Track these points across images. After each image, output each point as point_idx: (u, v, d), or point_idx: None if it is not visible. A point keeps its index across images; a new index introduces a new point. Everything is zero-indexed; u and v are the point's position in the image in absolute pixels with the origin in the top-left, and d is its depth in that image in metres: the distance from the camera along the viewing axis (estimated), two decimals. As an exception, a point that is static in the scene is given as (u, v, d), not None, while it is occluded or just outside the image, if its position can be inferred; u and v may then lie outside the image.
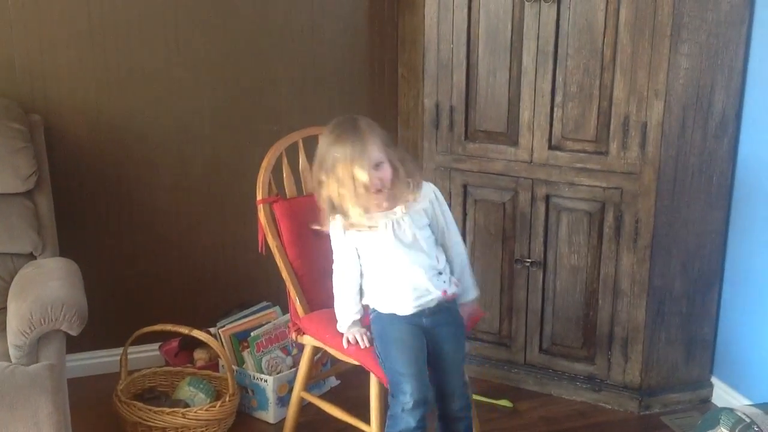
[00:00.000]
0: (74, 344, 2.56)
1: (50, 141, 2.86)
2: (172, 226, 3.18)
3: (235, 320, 3.01)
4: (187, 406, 2.71)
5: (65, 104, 2.96)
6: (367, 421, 2.38)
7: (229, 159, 3.19)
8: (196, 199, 3.19)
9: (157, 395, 2.82)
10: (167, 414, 2.63)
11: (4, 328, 2.44)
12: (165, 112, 3.09)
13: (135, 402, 2.67)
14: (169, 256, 3.19)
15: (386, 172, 2.19)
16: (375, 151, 2.17)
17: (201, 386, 2.79)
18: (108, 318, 2.93)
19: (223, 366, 2.93)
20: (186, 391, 2.78)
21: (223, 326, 2.95)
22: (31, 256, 2.70)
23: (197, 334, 2.72)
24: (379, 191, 2.18)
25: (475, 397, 2.79)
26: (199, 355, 3.04)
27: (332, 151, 2.19)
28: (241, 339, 2.93)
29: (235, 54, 3.12)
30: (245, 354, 2.88)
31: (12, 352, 2.25)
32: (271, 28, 3.14)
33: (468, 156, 3.03)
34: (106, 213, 3.09)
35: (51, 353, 2.28)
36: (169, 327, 2.76)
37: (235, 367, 2.83)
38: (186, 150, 3.14)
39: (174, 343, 3.11)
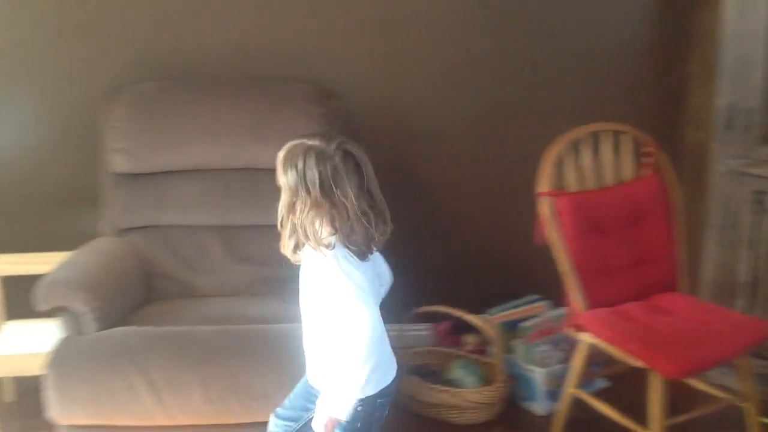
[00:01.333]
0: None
1: (345, 124, 3.02)
2: (451, 212, 3.29)
3: (506, 310, 3.07)
4: (458, 386, 2.80)
5: (360, 90, 3.14)
6: (642, 424, 2.33)
7: (507, 150, 3.24)
8: (477, 188, 3.27)
9: (430, 373, 2.94)
10: (441, 392, 2.74)
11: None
12: (448, 103, 3.19)
13: (411, 376, 2.81)
14: (447, 240, 3.30)
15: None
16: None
17: (471, 369, 2.87)
18: (391, 294, 3.10)
19: (492, 352, 3.00)
20: (457, 372, 2.88)
21: (495, 314, 3.01)
22: (325, 231, 2.92)
23: (471, 318, 2.80)
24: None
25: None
26: (469, 339, 3.13)
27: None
28: (510, 328, 2.98)
29: (515, 48, 3.16)
30: (515, 343, 2.92)
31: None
32: (553, 23, 3.14)
33: (765, 161, 2.83)
34: (386, 194, 3.23)
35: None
36: (445, 309, 2.86)
37: (505, 356, 2.88)
38: (466, 141, 3.23)
39: (445, 325, 3.22)
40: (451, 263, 3.33)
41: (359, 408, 1.81)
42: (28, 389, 2.95)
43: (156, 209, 2.82)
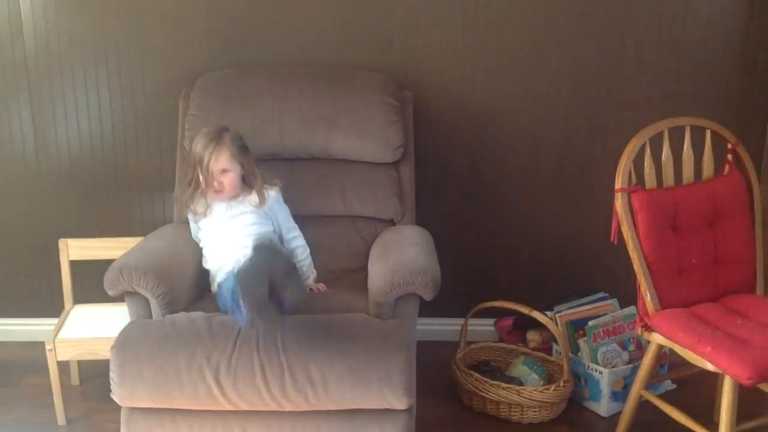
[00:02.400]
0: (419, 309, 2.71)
1: (416, 116, 3.03)
2: (520, 206, 3.24)
3: (572, 307, 3.00)
4: (520, 384, 2.76)
5: (433, 82, 3.11)
6: (711, 428, 2.25)
7: (580, 144, 3.17)
8: (545, 183, 3.21)
9: (492, 369, 2.90)
10: (502, 388, 2.69)
11: (362, 286, 2.65)
12: (522, 96, 3.14)
13: (472, 372, 2.77)
14: (514, 235, 3.26)
15: (229, 178, 2.59)
16: (223, 160, 2.56)
17: (535, 367, 2.82)
18: (452, 288, 3.07)
19: (557, 350, 2.94)
20: (520, 369, 2.83)
21: (560, 311, 2.95)
22: (391, 222, 2.90)
23: (537, 315, 2.74)
24: (218, 191, 2.60)
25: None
26: (532, 336, 3.08)
27: (194, 146, 2.60)
28: (576, 327, 2.91)
29: (597, 40, 3.08)
30: (581, 342, 2.86)
31: (372, 307, 2.43)
32: (637, 11, 3.04)
33: None
34: (459, 188, 3.23)
35: (405, 313, 2.44)
36: (510, 305, 2.81)
37: (570, 354, 2.82)
38: (538, 133, 3.17)
39: (508, 321, 3.18)
40: (516, 258, 3.28)
41: None
42: (94, 373, 3.02)
43: (227, 196, 2.84)
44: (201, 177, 2.57)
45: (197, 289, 2.64)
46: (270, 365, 2.22)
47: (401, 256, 2.51)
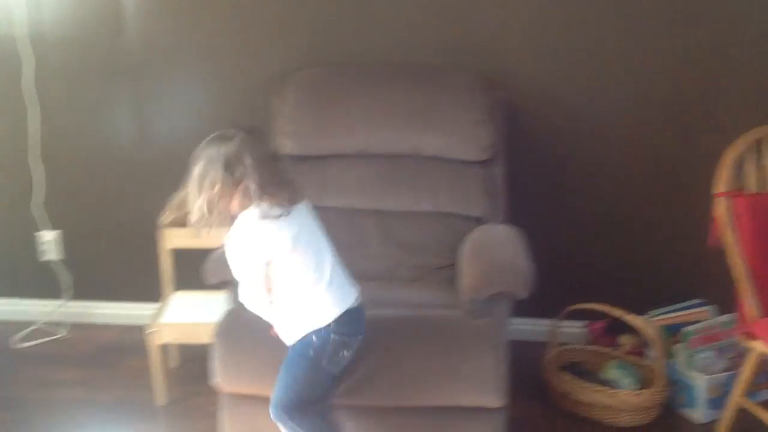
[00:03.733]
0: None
1: (508, 115, 3.01)
2: (613, 207, 3.19)
3: (667, 312, 2.94)
4: (613, 387, 2.72)
5: (524, 81, 3.09)
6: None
7: (675, 145, 3.09)
8: (639, 184, 3.15)
9: (583, 371, 2.86)
10: (595, 391, 2.66)
11: (451, 283, 2.66)
12: (615, 96, 3.08)
13: (565, 373, 2.75)
14: (607, 237, 3.21)
15: None
16: None
17: (629, 371, 2.78)
18: (543, 289, 3.05)
19: (650, 355, 2.89)
20: (613, 373, 2.79)
21: (655, 316, 2.90)
22: (480, 221, 2.88)
23: (632, 319, 2.70)
24: None
25: None
26: (625, 340, 3.03)
27: None
28: (671, 332, 2.85)
29: (692, 36, 2.99)
30: (676, 348, 2.80)
31: (464, 305, 2.42)
32: (737, 9, 2.94)
33: None
34: (551, 188, 3.21)
35: (497, 312, 2.42)
36: (604, 307, 2.78)
37: (666, 359, 2.76)
38: (631, 133, 3.11)
39: (600, 324, 3.13)
40: (609, 261, 3.23)
41: (314, 338, 2.10)
42: (192, 356, 3.12)
43: (318, 191, 2.87)
44: None
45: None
46: (363, 361, 2.24)
47: (494, 255, 2.51)
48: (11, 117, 3.33)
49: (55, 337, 3.41)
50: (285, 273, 2.08)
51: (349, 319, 2.13)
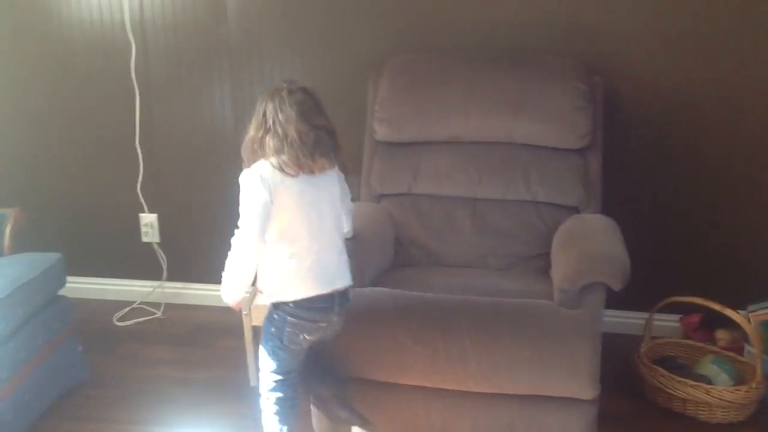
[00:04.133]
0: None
1: (606, 102, 2.95)
2: (712, 199, 3.10)
3: (766, 308, 2.85)
4: (709, 383, 2.66)
5: (624, 67, 3.03)
6: None
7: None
8: (741, 176, 3.06)
9: (678, 366, 2.80)
10: (690, 386, 2.61)
11: (543, 272, 2.64)
12: (716, 84, 3.00)
13: (658, 367, 2.70)
14: (705, 229, 3.14)
15: None
16: None
17: (725, 367, 2.71)
18: (637, 281, 3.00)
19: (748, 351, 2.81)
20: (709, 368, 2.73)
21: (754, 311, 2.82)
22: (575, 210, 2.85)
23: (730, 313, 2.63)
24: None
25: None
26: (722, 335, 2.96)
27: None
28: (770, 328, 2.77)
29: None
30: (776, 344, 2.72)
31: (557, 295, 2.41)
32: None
33: None
34: (648, 178, 3.14)
35: (590, 302, 2.38)
36: (701, 301, 2.71)
37: (764, 356, 2.68)
38: (733, 124, 3.02)
39: (695, 318, 3.06)
40: (706, 254, 3.15)
41: (275, 315, 2.17)
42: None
43: (411, 178, 2.90)
44: None
45: (383, 266, 2.73)
46: (455, 347, 2.25)
47: (588, 244, 2.48)
48: (120, 102, 3.44)
49: (153, 316, 3.53)
50: (269, 233, 2.11)
51: (311, 306, 2.14)
